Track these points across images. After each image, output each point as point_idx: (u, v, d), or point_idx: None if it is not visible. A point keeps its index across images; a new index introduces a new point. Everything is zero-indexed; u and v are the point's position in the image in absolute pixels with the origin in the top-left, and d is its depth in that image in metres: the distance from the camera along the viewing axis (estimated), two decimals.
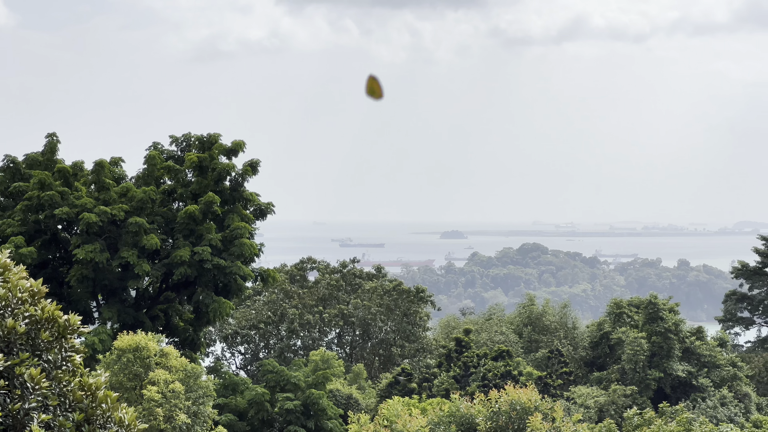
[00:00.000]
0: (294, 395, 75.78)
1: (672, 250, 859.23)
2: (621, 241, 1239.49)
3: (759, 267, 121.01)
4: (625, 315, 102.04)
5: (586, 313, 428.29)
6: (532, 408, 53.17)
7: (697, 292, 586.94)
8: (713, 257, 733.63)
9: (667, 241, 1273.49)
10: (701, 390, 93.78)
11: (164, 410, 53.92)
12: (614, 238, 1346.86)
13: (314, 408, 75.27)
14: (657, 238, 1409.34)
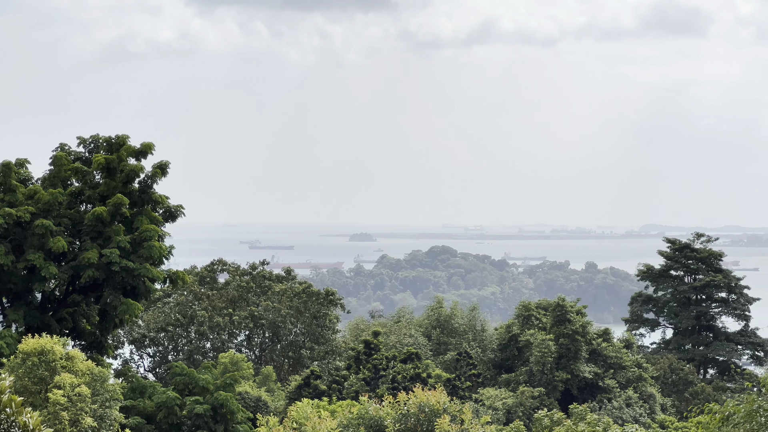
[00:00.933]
0: (203, 398, 75.30)
1: (580, 253, 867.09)
2: (530, 244, 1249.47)
3: (664, 269, 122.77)
4: (533, 317, 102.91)
5: (494, 315, 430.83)
6: (441, 410, 53.40)
7: (605, 294, 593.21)
8: (620, 260, 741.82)
9: (576, 244, 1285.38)
10: (607, 391, 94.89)
11: (70, 414, 53.29)
12: (523, 241, 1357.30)
13: (223, 411, 74.87)
14: (565, 241, 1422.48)
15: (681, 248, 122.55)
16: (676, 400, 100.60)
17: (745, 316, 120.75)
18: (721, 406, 36.28)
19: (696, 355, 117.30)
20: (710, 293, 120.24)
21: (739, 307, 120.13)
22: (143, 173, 77.85)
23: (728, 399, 36.99)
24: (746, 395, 35.71)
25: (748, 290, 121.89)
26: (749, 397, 35.06)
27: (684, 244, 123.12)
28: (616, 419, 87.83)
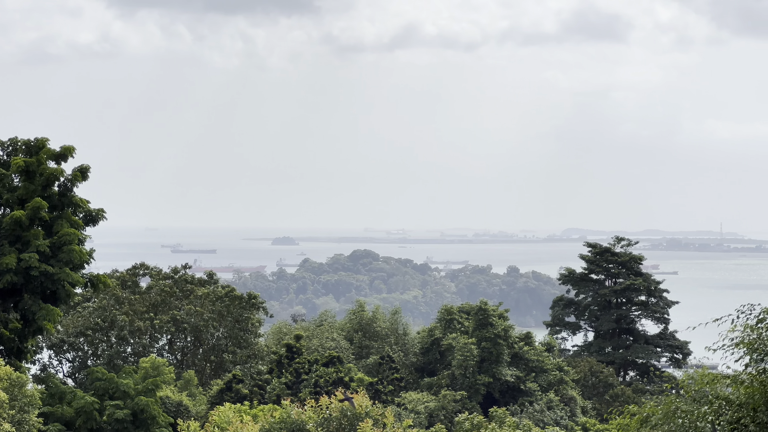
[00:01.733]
0: (123, 403, 74.64)
1: (502, 257, 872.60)
2: (452, 248, 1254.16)
3: (585, 273, 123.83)
4: (455, 321, 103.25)
5: (417, 319, 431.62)
6: (363, 414, 53.44)
7: (527, 298, 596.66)
8: (542, 264, 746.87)
9: (498, 248, 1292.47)
10: (529, 394, 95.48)
11: None
12: (445, 245, 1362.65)
13: (144, 416, 74.26)
14: (487, 245, 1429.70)
15: (602, 252, 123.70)
16: (597, 402, 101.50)
17: (665, 319, 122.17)
18: (640, 408, 36.64)
19: (616, 357, 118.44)
20: (630, 297, 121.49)
21: (659, 310, 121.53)
22: (63, 176, 77.00)
23: (647, 400, 37.37)
24: (665, 397, 36.08)
25: (667, 293, 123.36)
26: (668, 398, 35.44)
27: (605, 248, 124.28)
28: (537, 422, 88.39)
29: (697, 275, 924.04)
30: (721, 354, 33.05)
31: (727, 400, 33.52)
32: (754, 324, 32.78)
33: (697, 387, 34.89)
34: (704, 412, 33.33)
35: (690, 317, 51.40)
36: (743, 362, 32.70)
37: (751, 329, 32.72)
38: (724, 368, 35.51)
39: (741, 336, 32.74)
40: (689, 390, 35.21)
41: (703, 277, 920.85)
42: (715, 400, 33.70)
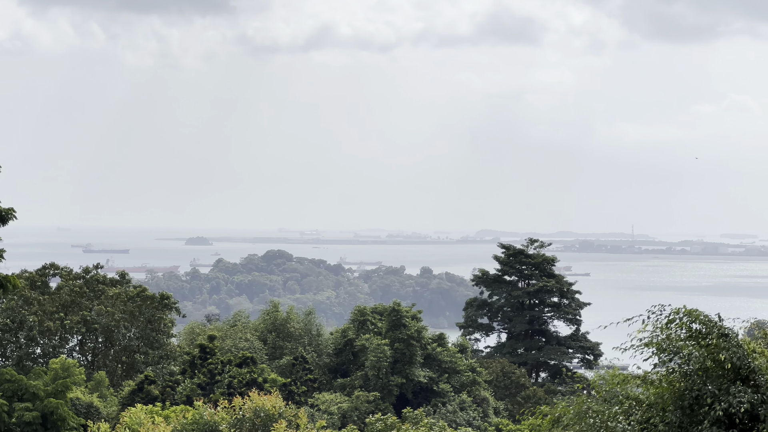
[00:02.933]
0: (32, 405, 73.67)
1: (415, 258, 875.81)
2: (366, 248, 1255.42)
3: (498, 275, 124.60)
4: (368, 322, 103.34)
5: (330, 320, 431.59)
6: (277, 415, 53.29)
7: (440, 299, 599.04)
8: (455, 265, 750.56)
9: (411, 249, 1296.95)
10: (442, 395, 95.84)
11: None
12: (359, 245, 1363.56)
13: (53, 418, 73.37)
14: (401, 246, 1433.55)
15: (515, 254, 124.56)
16: (509, 403, 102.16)
17: (577, 320, 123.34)
18: (551, 409, 36.91)
19: (529, 358, 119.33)
20: (543, 298, 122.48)
21: (571, 312, 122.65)
22: None
23: (559, 401, 37.67)
24: (576, 397, 36.40)
25: (579, 295, 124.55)
26: (579, 399, 35.74)
27: (518, 250, 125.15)
28: (450, 423, 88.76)
29: (608, 277, 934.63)
30: (632, 354, 33.40)
31: (637, 400, 33.90)
32: (664, 325, 33.17)
33: (608, 387, 35.23)
34: (615, 412, 33.67)
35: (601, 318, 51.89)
36: (653, 362, 33.07)
37: (660, 330, 33.11)
38: (635, 369, 35.89)
39: (651, 336, 33.10)
40: (600, 390, 35.55)
41: (615, 278, 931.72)
42: (625, 400, 34.06)
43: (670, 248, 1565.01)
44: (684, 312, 33.17)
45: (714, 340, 32.37)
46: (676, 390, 32.34)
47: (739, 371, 32.14)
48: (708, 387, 31.75)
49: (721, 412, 30.84)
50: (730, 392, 31.40)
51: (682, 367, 32.30)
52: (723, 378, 32.09)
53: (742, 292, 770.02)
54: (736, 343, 32.41)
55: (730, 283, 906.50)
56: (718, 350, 32.08)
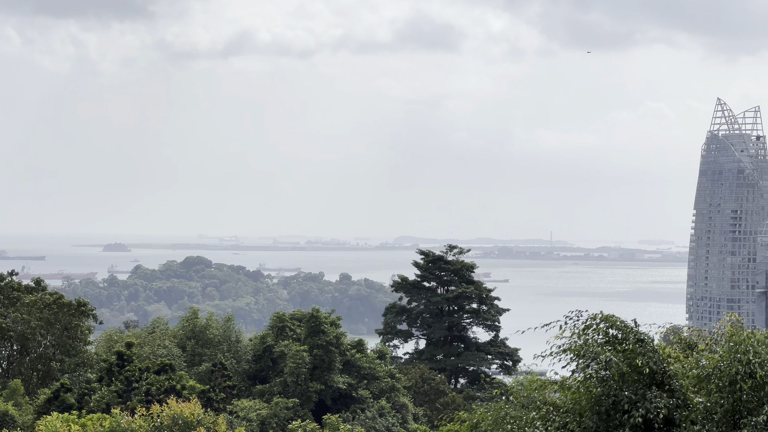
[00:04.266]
0: None
1: (335, 264, 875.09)
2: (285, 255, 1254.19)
3: (417, 281, 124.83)
4: (288, 328, 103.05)
5: (249, 326, 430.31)
6: (195, 422, 52.93)
7: (359, 305, 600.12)
8: (374, 271, 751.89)
9: (330, 255, 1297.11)
10: (361, 401, 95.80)
11: None
12: (278, 252, 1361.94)
13: None
14: (320, 252, 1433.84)
15: (434, 260, 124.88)
16: (428, 409, 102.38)
17: (495, 326, 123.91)
18: (470, 414, 37.01)
19: (448, 365, 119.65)
20: (462, 304, 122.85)
21: (490, 318, 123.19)
22: None
23: (477, 407, 37.77)
24: (495, 403, 36.54)
25: (498, 301, 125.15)
26: (497, 404, 35.88)
27: (437, 256, 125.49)
28: (369, 429, 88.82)
29: (527, 282, 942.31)
30: (550, 360, 33.57)
31: (554, 406, 34.09)
32: (581, 330, 33.39)
33: (526, 393, 35.39)
34: (532, 418, 33.83)
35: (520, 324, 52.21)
36: (570, 368, 33.26)
37: (578, 336, 33.32)
38: (552, 374, 36.10)
39: (569, 342, 33.29)
40: (518, 396, 35.71)
41: (534, 284, 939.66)
42: (543, 405, 34.23)
43: (588, 254, 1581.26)
44: (601, 318, 33.41)
45: (631, 345, 32.65)
46: (594, 395, 32.56)
47: (655, 376, 32.46)
48: (625, 392, 32.01)
49: (640, 418, 31.11)
50: (646, 397, 31.68)
51: (599, 372, 32.51)
52: (639, 383, 32.38)
53: (658, 297, 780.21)
54: (652, 349, 32.72)
55: (647, 289, 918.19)
56: (635, 355, 32.36)
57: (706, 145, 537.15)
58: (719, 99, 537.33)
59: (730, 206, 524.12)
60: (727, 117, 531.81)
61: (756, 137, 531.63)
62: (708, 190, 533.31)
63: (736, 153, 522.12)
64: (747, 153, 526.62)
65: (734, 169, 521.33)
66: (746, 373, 30.75)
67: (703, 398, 31.95)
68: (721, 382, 31.26)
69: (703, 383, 32.21)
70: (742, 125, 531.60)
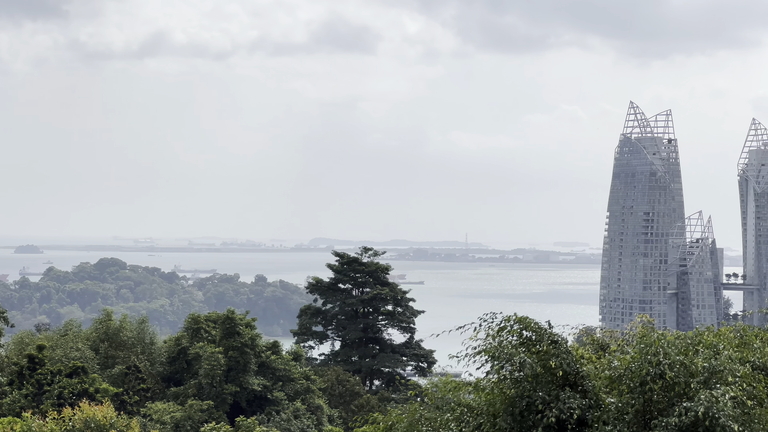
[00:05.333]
0: None
1: (250, 266, 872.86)
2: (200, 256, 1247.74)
3: (333, 282, 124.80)
4: (203, 330, 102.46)
5: (164, 328, 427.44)
6: (108, 425, 52.45)
7: (274, 307, 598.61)
8: (290, 273, 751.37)
9: (246, 257, 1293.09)
10: (276, 403, 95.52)
11: None
12: (194, 253, 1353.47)
13: None
14: (236, 253, 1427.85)
15: (349, 262, 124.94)
16: (343, 411, 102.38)
17: (410, 328, 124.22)
18: (385, 416, 37.07)
19: (363, 366, 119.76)
20: (377, 306, 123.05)
21: (405, 320, 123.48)
22: None
23: (392, 409, 37.86)
24: (409, 405, 36.62)
25: (413, 303, 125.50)
26: (412, 406, 35.98)
27: (352, 258, 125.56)
28: (284, 431, 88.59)
29: (442, 284, 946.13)
30: (465, 362, 33.71)
31: (468, 407, 34.24)
32: (496, 332, 33.58)
33: (441, 395, 35.51)
34: (447, 420, 33.96)
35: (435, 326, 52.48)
36: (485, 370, 33.42)
37: (492, 337, 33.51)
38: (467, 376, 36.26)
39: (483, 344, 33.46)
40: (433, 398, 35.81)
41: (449, 286, 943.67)
42: (457, 407, 34.36)
43: (503, 256, 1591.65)
44: (515, 319, 33.64)
45: (545, 346, 32.90)
46: (508, 397, 32.76)
47: (568, 377, 32.74)
48: (539, 393, 32.24)
49: (553, 418, 31.36)
50: (560, 398, 31.95)
51: (513, 374, 32.72)
52: (553, 384, 32.64)
53: (572, 299, 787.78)
54: (566, 350, 33.00)
55: (561, 291, 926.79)
56: (549, 357, 32.61)
57: (619, 147, 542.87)
58: (632, 102, 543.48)
59: (642, 208, 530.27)
60: (640, 120, 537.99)
61: (668, 140, 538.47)
62: (621, 192, 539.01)
63: (648, 156, 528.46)
64: (659, 156, 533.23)
65: (646, 171, 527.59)
66: (656, 373, 31.12)
67: (615, 399, 32.29)
68: (632, 383, 31.61)
69: (615, 384, 32.56)
70: (654, 128, 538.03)
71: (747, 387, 31.41)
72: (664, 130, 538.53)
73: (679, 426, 30.18)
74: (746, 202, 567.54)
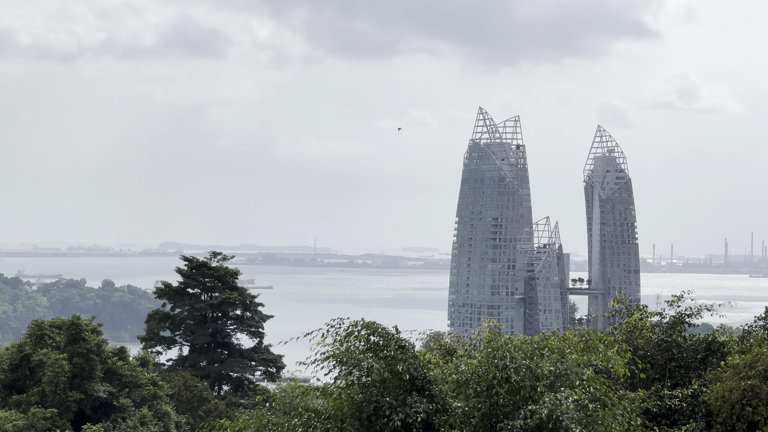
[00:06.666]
0: None
1: (97, 271, 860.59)
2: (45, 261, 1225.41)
3: (181, 287, 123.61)
4: (47, 336, 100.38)
5: (6, 334, 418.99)
6: None
7: (122, 312, 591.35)
8: (138, 278, 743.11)
9: (93, 262, 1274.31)
10: (122, 410, 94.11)
11: None
12: (38, 258, 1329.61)
13: None
14: (83, 258, 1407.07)
15: (198, 266, 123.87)
16: (191, 417, 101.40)
17: (259, 333, 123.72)
18: (232, 422, 36.82)
19: (211, 371, 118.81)
20: (226, 311, 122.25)
21: (254, 324, 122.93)
22: None
23: (240, 414, 37.63)
24: (257, 410, 36.44)
25: (262, 307, 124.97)
26: (259, 411, 35.82)
27: (201, 263, 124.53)
28: None
29: (291, 289, 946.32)
30: (314, 367, 33.69)
31: (316, 412, 34.21)
32: (343, 337, 33.62)
33: (289, 400, 35.45)
34: (294, 425, 33.88)
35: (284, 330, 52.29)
36: (333, 375, 33.44)
37: (340, 343, 33.53)
38: (316, 381, 36.26)
39: (332, 349, 33.46)
40: (281, 403, 35.71)
41: (297, 291, 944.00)
42: (305, 412, 34.31)
43: (352, 261, 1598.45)
44: (362, 325, 33.73)
45: (392, 352, 33.04)
46: (356, 402, 32.80)
47: (415, 382, 32.91)
48: (386, 398, 32.34)
49: (399, 422, 31.47)
50: (407, 402, 32.09)
51: (361, 379, 32.78)
52: (400, 389, 32.77)
53: (421, 304, 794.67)
54: (413, 355, 33.18)
55: (409, 296, 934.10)
56: (396, 362, 32.75)
57: (468, 153, 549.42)
58: (481, 108, 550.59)
59: (491, 214, 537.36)
60: (488, 126, 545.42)
61: (516, 146, 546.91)
62: (470, 197, 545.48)
63: (497, 161, 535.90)
64: (507, 161, 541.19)
65: (495, 177, 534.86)
66: (503, 377, 31.46)
67: (462, 403, 32.55)
68: (479, 387, 31.89)
69: (461, 388, 32.82)
70: (502, 134, 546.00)
71: (592, 390, 31.97)
72: (512, 136, 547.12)
73: (524, 428, 30.53)
74: (592, 208, 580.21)
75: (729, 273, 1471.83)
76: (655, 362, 47.91)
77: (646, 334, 48.38)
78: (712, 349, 48.78)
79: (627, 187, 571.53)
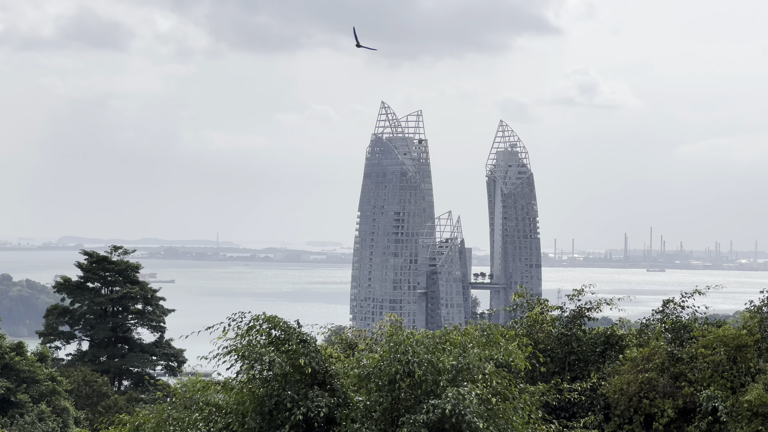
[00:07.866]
0: None
1: None
2: None
3: (81, 281, 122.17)
4: None
5: None
6: None
7: (20, 306, 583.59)
8: (37, 272, 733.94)
9: None
10: (20, 406, 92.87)
11: None
12: None
13: None
14: None
15: (98, 260, 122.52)
16: (90, 412, 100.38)
17: (161, 327, 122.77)
18: (132, 417, 36.51)
19: (111, 366, 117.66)
20: (127, 305, 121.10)
21: (155, 319, 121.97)
22: None
23: (140, 409, 37.29)
24: (157, 405, 36.19)
25: (164, 301, 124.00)
26: (160, 406, 35.57)
27: (102, 257, 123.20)
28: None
29: (193, 283, 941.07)
30: (215, 362, 33.55)
31: (217, 407, 34.07)
32: (245, 332, 33.51)
33: (189, 394, 35.22)
34: (195, 419, 33.70)
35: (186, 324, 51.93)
36: (235, 369, 33.31)
37: (242, 337, 33.42)
38: (217, 376, 36.06)
39: (233, 344, 33.34)
40: (181, 398, 35.48)
41: (199, 285, 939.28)
42: (206, 407, 34.15)
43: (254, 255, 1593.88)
44: (264, 319, 33.65)
45: (294, 346, 33.00)
46: (257, 396, 32.70)
47: (317, 376, 32.91)
48: (288, 392, 32.30)
49: (300, 416, 31.45)
50: (308, 396, 32.08)
51: (263, 373, 32.69)
52: (302, 383, 32.77)
53: (322, 298, 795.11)
54: (315, 349, 33.17)
55: (311, 290, 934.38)
56: (298, 356, 32.71)
57: (371, 147, 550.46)
58: (383, 103, 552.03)
59: (393, 208, 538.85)
60: (391, 120, 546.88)
61: (418, 140, 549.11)
62: (372, 192, 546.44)
63: (399, 156, 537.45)
64: (410, 156, 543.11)
65: (397, 171, 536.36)
66: (405, 372, 31.56)
67: (364, 397, 32.61)
68: (381, 381, 31.98)
69: (363, 382, 32.89)
70: (405, 129, 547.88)
71: (494, 384, 32.21)
72: (414, 131, 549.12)
73: (426, 423, 30.66)
74: (494, 203, 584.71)
75: (628, 267, 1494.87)
76: (555, 356, 48.47)
77: (546, 328, 48.91)
78: (610, 343, 49.49)
79: (529, 181, 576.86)
